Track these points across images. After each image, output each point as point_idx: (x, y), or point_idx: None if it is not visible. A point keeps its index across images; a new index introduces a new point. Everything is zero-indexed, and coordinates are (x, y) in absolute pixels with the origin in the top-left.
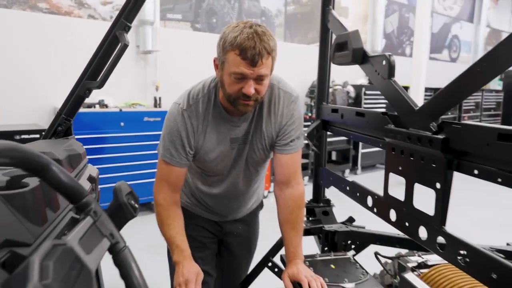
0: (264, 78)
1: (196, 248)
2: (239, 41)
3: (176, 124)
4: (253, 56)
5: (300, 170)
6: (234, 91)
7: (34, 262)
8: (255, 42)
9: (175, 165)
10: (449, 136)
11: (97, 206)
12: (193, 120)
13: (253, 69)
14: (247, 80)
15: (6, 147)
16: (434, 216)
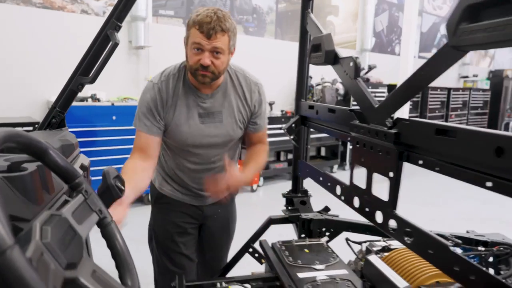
0: (220, 52)
1: (178, 234)
2: (199, 18)
3: (147, 97)
4: (208, 30)
5: (266, 137)
6: (194, 62)
7: (35, 226)
8: (211, 19)
9: (147, 132)
10: (400, 130)
11: (88, 186)
12: (163, 93)
13: (208, 41)
14: (204, 52)
15: (13, 133)
16: (387, 202)
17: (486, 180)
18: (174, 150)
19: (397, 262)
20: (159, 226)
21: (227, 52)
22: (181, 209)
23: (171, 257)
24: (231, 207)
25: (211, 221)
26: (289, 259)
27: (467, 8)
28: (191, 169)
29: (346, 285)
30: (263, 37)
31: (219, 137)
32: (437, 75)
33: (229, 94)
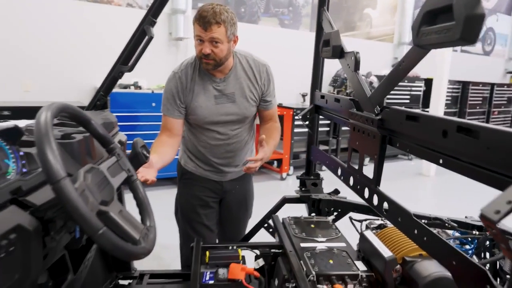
0: (218, 41)
1: (200, 206)
2: (199, 13)
3: (170, 85)
4: (204, 23)
5: (277, 116)
6: (198, 51)
7: (80, 172)
8: (207, 13)
9: (170, 116)
10: (384, 117)
11: (120, 151)
12: (183, 80)
13: (205, 32)
14: (204, 42)
15: (66, 106)
16: (372, 179)
17: (439, 158)
18: (196, 129)
19: (389, 237)
20: (184, 199)
21: (225, 41)
22: (204, 184)
23: (194, 226)
24: (248, 184)
25: (230, 196)
26: (295, 232)
27: (426, 14)
28: (212, 145)
29: (342, 255)
30: (298, 30)
31: (233, 115)
32: (410, 69)
33: (240, 76)
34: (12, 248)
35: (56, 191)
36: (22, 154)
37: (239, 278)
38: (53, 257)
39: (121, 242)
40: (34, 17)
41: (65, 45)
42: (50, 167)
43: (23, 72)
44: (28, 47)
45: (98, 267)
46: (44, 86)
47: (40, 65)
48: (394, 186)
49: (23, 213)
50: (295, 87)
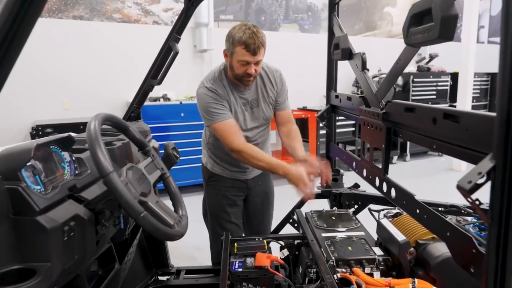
0: (260, 62)
1: (229, 205)
2: (244, 39)
3: (207, 96)
4: (254, 49)
5: (293, 118)
6: (241, 72)
7: (123, 169)
8: (254, 39)
9: (228, 118)
10: (387, 111)
11: (154, 152)
12: (219, 89)
13: (254, 57)
14: (250, 65)
15: (109, 116)
16: (381, 169)
17: (433, 143)
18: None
19: (403, 224)
20: (213, 199)
21: (263, 58)
22: (230, 184)
23: (223, 225)
24: (269, 179)
25: (254, 192)
26: (316, 224)
27: (413, 16)
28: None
29: (360, 242)
30: (319, 34)
31: (259, 119)
32: (406, 65)
33: (260, 83)
34: (72, 233)
35: (106, 183)
36: (74, 158)
37: (265, 265)
38: (103, 244)
39: (159, 224)
40: (68, 39)
41: (98, 65)
42: (101, 164)
43: (62, 92)
44: (66, 69)
45: (139, 263)
46: (81, 104)
47: (77, 85)
48: (426, 182)
49: (78, 206)
50: (318, 90)
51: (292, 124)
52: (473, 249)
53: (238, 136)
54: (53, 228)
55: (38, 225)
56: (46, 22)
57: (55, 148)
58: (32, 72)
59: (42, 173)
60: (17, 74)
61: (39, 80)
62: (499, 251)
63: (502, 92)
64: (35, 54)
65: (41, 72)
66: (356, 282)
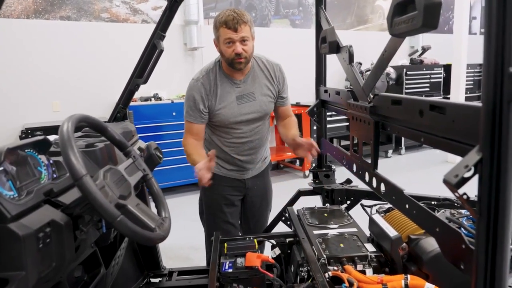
0: (247, 39)
1: (226, 205)
2: (224, 18)
3: (192, 92)
4: (234, 25)
5: (292, 112)
6: (229, 54)
7: (100, 172)
8: (233, 16)
9: (193, 122)
10: (375, 104)
11: (135, 153)
12: (206, 85)
13: (236, 34)
14: (235, 43)
15: (85, 116)
16: (370, 163)
17: (420, 136)
18: (220, 130)
19: (395, 219)
20: (210, 199)
21: (251, 38)
22: (227, 183)
23: (220, 225)
24: (267, 179)
25: (252, 192)
26: (308, 221)
27: (397, 5)
28: (237, 143)
29: (352, 239)
30: (310, 28)
31: (255, 113)
32: (392, 56)
33: (257, 76)
34: (48, 240)
35: (79, 187)
36: (51, 162)
37: (255, 265)
38: (84, 249)
39: (137, 228)
40: (56, 40)
41: (88, 66)
42: (73, 167)
43: (52, 94)
44: (55, 70)
45: (129, 266)
46: (72, 106)
47: (67, 86)
48: (421, 175)
49: (55, 211)
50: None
51: (291, 115)
52: (462, 244)
53: (193, 138)
54: (27, 235)
55: (10, 232)
56: (33, 24)
57: (31, 151)
58: (21, 75)
59: (16, 178)
60: (5, 77)
61: (28, 82)
62: (488, 246)
63: (487, 81)
64: (23, 56)
65: (30, 74)
66: (348, 280)
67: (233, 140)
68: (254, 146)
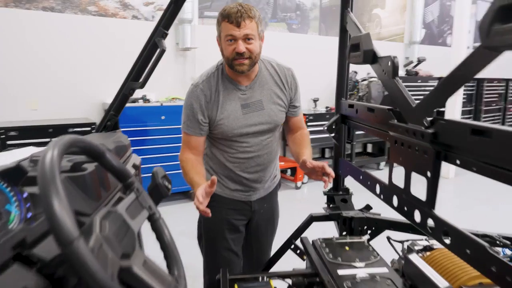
0: (251, 38)
1: (229, 231)
2: (227, 11)
3: (191, 100)
4: (237, 19)
5: (304, 124)
6: (229, 52)
7: (96, 220)
8: (238, 9)
9: (192, 134)
10: (437, 130)
11: (139, 185)
12: (206, 92)
13: (239, 29)
14: (237, 41)
15: (75, 140)
16: (425, 201)
17: None
18: (223, 143)
19: (439, 262)
20: (211, 224)
21: (257, 37)
22: (231, 206)
23: (221, 253)
24: (275, 201)
25: (258, 216)
26: (329, 256)
27: (500, 9)
28: (242, 158)
29: (386, 283)
30: (307, 34)
31: (263, 124)
32: (473, 76)
33: (266, 82)
34: None
35: (68, 256)
36: (26, 195)
37: None
38: None
39: None
40: (37, 32)
41: (70, 61)
42: (58, 226)
43: (30, 90)
44: (32, 64)
45: None
46: (51, 104)
47: (46, 82)
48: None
49: (28, 273)
50: (306, 92)
51: (304, 128)
52: None
53: (191, 152)
54: None
55: None
56: (12, 13)
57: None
58: None
59: None
60: None
61: (3, 77)
62: None
63: None
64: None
65: (5, 68)
66: None
67: (238, 155)
68: (262, 162)
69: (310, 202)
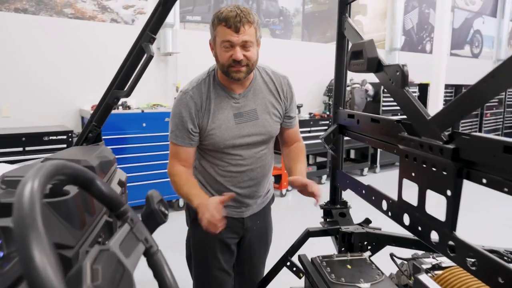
0: (250, 45)
1: (220, 249)
2: (224, 14)
3: (179, 107)
4: (236, 24)
5: (300, 136)
6: (225, 59)
7: (86, 266)
8: (236, 13)
9: (180, 144)
10: (459, 146)
11: (133, 214)
12: (196, 99)
13: (237, 35)
14: (235, 47)
15: (60, 166)
16: (445, 222)
17: None
18: (213, 155)
19: (452, 284)
20: (200, 243)
21: (255, 43)
22: None
23: (212, 273)
24: (268, 217)
25: (250, 233)
26: (331, 276)
27: None
28: (234, 172)
29: None
30: (290, 40)
31: (257, 135)
32: (503, 89)
33: (261, 90)
34: None
35: None
36: None
37: None
38: None
39: None
40: (8, 35)
41: (45, 65)
42: (38, 281)
43: (1, 96)
44: (4, 68)
45: None
46: (25, 110)
47: (20, 88)
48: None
49: None
50: None
51: (300, 141)
52: None
53: (181, 164)
54: None
55: None
56: None
57: None
58: None
59: None
60: None
61: None
62: None
63: None
64: None
65: None
66: None
67: (230, 168)
68: (255, 176)
69: (296, 209)
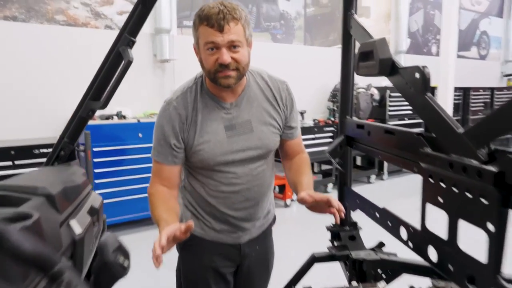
0: (238, 45)
1: (214, 280)
2: (205, 12)
3: (161, 120)
4: (219, 21)
5: (303, 147)
6: (211, 64)
7: None
8: (219, 9)
9: (163, 162)
10: (504, 168)
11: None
12: (180, 110)
13: (222, 35)
14: (220, 49)
15: None
16: (487, 264)
17: None
18: (203, 174)
19: None
20: (191, 272)
21: (245, 43)
22: (216, 250)
23: None
24: (269, 241)
25: (249, 260)
26: None
27: None
28: (226, 192)
29: None
30: (292, 44)
31: (253, 149)
32: None
33: (256, 98)
34: None
35: None
36: None
37: None
38: None
39: None
40: None
41: (37, 75)
42: None
43: None
44: None
45: None
46: (14, 122)
47: (9, 98)
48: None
49: None
50: None
51: (303, 152)
52: None
53: (163, 184)
54: None
55: None
56: None
57: None
58: None
59: None
60: None
61: None
62: None
63: None
64: None
65: None
66: None
67: (222, 188)
68: (252, 197)
69: (301, 222)
